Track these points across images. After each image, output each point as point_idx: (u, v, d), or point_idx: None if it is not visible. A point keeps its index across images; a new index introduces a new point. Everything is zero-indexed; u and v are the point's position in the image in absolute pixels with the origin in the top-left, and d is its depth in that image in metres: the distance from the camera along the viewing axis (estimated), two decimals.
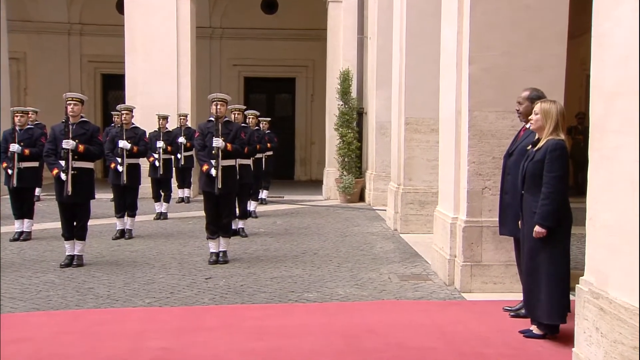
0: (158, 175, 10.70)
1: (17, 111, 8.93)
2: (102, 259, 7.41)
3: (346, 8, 14.05)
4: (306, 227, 9.98)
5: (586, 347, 3.33)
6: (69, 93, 7.22)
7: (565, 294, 4.37)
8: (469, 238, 5.82)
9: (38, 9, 18.28)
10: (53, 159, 6.96)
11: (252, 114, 10.78)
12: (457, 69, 5.94)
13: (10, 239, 8.50)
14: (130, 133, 9.02)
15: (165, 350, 4.31)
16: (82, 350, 4.32)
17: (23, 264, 7.11)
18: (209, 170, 7.01)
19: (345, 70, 13.46)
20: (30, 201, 8.83)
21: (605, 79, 3.20)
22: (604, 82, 3.22)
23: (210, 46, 19.01)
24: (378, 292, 5.92)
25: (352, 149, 13.37)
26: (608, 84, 3.17)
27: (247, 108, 10.60)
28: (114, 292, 5.91)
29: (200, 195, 7.86)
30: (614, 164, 3.11)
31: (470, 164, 5.79)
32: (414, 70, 8.82)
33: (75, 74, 18.76)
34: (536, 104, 4.54)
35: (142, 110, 11.82)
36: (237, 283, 6.25)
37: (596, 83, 3.29)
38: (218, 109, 7.08)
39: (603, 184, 3.22)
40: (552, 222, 4.31)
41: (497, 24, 5.67)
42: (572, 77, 6.09)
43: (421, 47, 8.64)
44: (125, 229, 8.83)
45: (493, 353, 4.27)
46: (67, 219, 7.02)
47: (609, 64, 3.15)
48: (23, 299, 5.64)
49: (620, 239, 3.01)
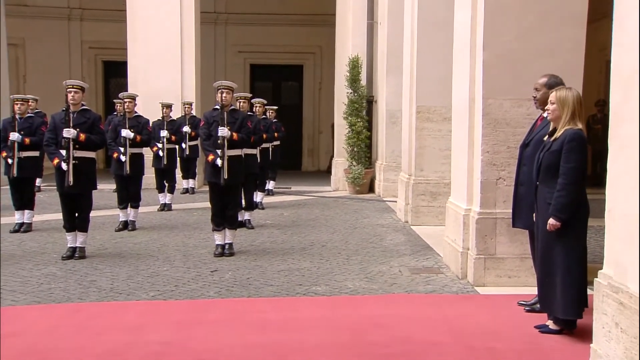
0: (162, 165, 10.72)
1: (17, 99, 8.97)
2: (104, 251, 7.46)
3: None
4: (314, 218, 10.00)
5: (605, 343, 3.32)
6: (70, 80, 7.24)
7: (582, 289, 4.35)
8: (483, 230, 5.80)
9: None
10: (53, 149, 6.98)
11: (259, 102, 10.79)
12: (471, 55, 5.91)
13: (11, 230, 8.56)
14: (133, 122, 9.05)
15: (164, 344, 4.33)
16: (78, 344, 4.35)
17: (24, 256, 7.16)
18: (214, 161, 7.02)
19: (355, 57, 13.39)
20: (30, 192, 8.88)
21: (625, 64, 3.17)
22: (623, 68, 3.19)
23: (215, 32, 19.00)
24: (388, 286, 5.92)
25: (362, 138, 13.34)
26: (627, 70, 3.14)
27: (253, 96, 10.59)
28: (117, 285, 5.94)
29: (206, 186, 7.89)
30: (632, 152, 3.08)
31: (484, 153, 5.76)
32: (425, 57, 8.77)
33: (76, 61, 18.81)
34: (551, 93, 4.49)
35: (145, 98, 11.84)
36: (243, 276, 6.27)
37: (616, 69, 3.27)
38: (224, 97, 7.08)
39: (621, 173, 3.20)
40: (567, 215, 4.29)
41: (509, 7, 5.62)
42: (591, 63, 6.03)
43: (433, 33, 8.58)
44: (128, 221, 8.86)
45: (505, 348, 4.27)
46: (69, 210, 7.06)
47: (629, 48, 3.12)
48: (24, 292, 5.69)
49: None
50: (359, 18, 13.71)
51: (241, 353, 4.19)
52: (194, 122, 11.79)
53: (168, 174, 10.88)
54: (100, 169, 14.24)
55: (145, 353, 4.20)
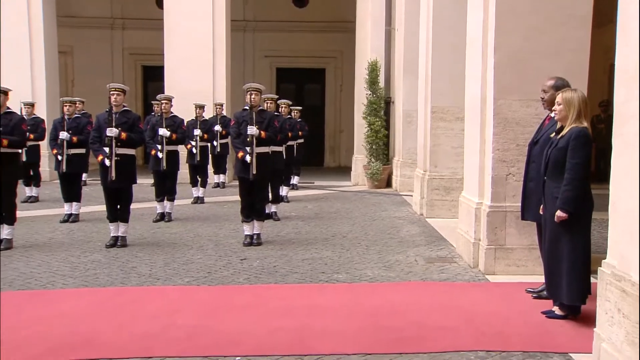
0: (195, 161, 10.79)
1: (66, 101, 9.11)
2: (143, 240, 7.53)
3: (374, 0, 13.89)
4: (335, 211, 10.00)
5: (608, 328, 3.29)
6: (112, 84, 7.31)
7: (586, 277, 4.31)
8: (493, 222, 5.76)
9: (82, 4, 18.53)
10: (98, 146, 7.07)
11: (285, 103, 10.80)
12: (482, 58, 5.85)
13: (60, 220, 8.70)
14: (169, 121, 9.13)
15: (197, 326, 4.36)
16: (120, 324, 4.41)
17: (72, 244, 7.27)
18: (244, 157, 7.04)
19: (373, 61, 13.35)
20: (78, 185, 9.01)
21: (628, 65, 3.12)
22: (627, 68, 3.14)
23: (244, 38, 19.05)
24: (405, 274, 5.91)
25: (380, 136, 13.29)
26: (630, 69, 3.10)
27: (279, 97, 10.61)
28: (155, 271, 6.00)
29: (235, 180, 7.93)
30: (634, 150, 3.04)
31: (495, 151, 5.72)
32: (439, 60, 8.72)
33: (118, 66, 19.01)
34: (558, 94, 4.45)
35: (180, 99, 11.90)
36: (270, 264, 6.30)
37: (620, 68, 3.22)
38: (252, 98, 7.10)
39: (624, 170, 3.16)
40: (573, 207, 4.25)
41: (518, 12, 5.55)
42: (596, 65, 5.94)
43: (447, 37, 8.52)
44: (165, 212, 8.94)
45: (513, 332, 4.24)
46: (111, 202, 7.15)
47: (633, 49, 3.07)
48: (73, 277, 5.78)
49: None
50: (377, 25, 13.68)
51: (267, 335, 4.21)
52: (224, 122, 11.85)
53: (201, 169, 10.94)
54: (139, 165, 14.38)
55: (179, 331, 4.24)
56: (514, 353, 3.86)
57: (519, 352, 3.87)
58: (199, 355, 3.82)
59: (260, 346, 3.98)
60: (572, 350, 3.89)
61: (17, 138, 6.89)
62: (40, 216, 9.23)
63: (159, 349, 3.92)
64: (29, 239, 7.51)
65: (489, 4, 5.73)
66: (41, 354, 3.86)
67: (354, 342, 4.05)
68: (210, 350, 3.91)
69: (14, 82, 10.69)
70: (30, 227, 8.24)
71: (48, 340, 4.08)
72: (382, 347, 3.96)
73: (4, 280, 5.62)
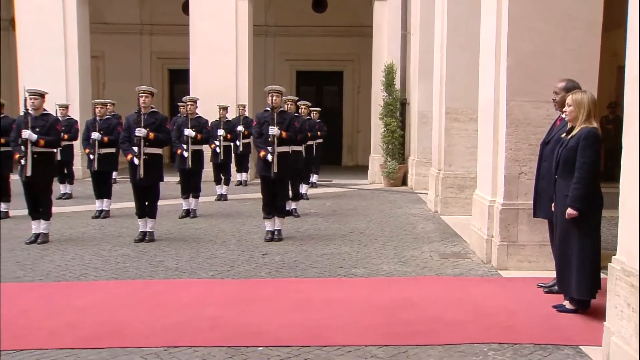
0: (219, 160, 10.85)
1: (98, 103, 9.24)
2: (170, 235, 7.60)
3: (390, 6, 13.87)
4: (353, 208, 10.00)
5: (617, 321, 3.26)
6: (141, 86, 7.40)
7: (595, 272, 4.28)
8: (506, 219, 5.73)
9: (113, 12, 18.75)
10: (127, 146, 7.15)
11: (304, 105, 10.82)
12: (495, 61, 5.82)
13: (92, 216, 8.82)
14: (194, 122, 9.20)
15: (221, 317, 4.41)
16: (148, 314, 4.48)
17: (103, 238, 7.37)
18: (265, 156, 7.07)
19: (390, 64, 13.32)
20: (108, 183, 9.14)
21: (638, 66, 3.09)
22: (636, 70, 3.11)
23: (265, 42, 19.10)
24: (420, 269, 5.90)
25: (396, 136, 13.26)
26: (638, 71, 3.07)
27: (299, 99, 10.64)
28: (181, 265, 6.06)
29: (257, 178, 7.96)
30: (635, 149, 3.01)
31: (508, 150, 5.69)
32: (453, 63, 8.68)
33: (146, 69, 19.19)
34: (568, 96, 4.42)
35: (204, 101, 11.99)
36: (290, 259, 6.32)
37: (630, 71, 3.19)
38: (274, 100, 7.12)
39: (633, 169, 3.13)
40: (583, 205, 4.22)
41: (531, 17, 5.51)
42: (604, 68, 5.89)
43: (461, 41, 8.48)
44: (190, 209, 9.00)
45: (525, 325, 4.22)
46: (140, 199, 7.23)
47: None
48: (104, 269, 5.87)
49: None
50: (394, 29, 13.66)
51: (288, 326, 4.24)
52: (247, 122, 11.90)
53: (224, 168, 11.00)
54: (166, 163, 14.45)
55: (204, 322, 4.29)
56: (526, 345, 3.84)
57: (530, 345, 3.85)
58: (223, 345, 3.86)
59: (281, 337, 4.01)
60: (583, 343, 3.87)
61: (53, 138, 7.01)
62: (74, 212, 9.37)
63: (185, 339, 3.97)
64: (64, 233, 7.64)
65: (502, 10, 5.70)
66: (74, 341, 3.93)
67: (371, 334, 4.07)
68: (233, 340, 3.95)
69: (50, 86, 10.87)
70: (64, 222, 8.37)
71: (81, 329, 4.16)
72: (397, 339, 3.97)
73: (41, 272, 5.74)
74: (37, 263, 6.08)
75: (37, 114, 6.99)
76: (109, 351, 3.78)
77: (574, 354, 3.73)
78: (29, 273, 5.71)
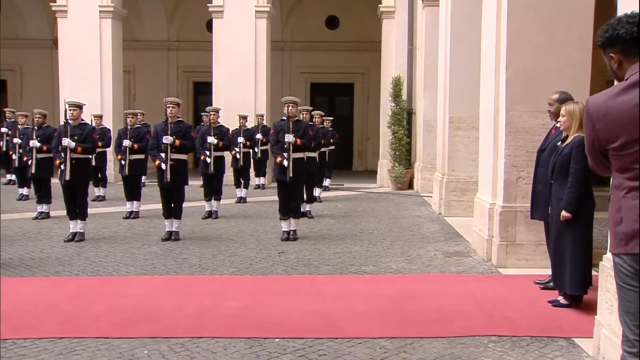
0: (239, 165, 10.92)
1: (128, 113, 9.35)
2: (194, 234, 7.65)
3: (398, 23, 13.93)
4: (363, 210, 10.00)
5: (607, 315, 3.26)
6: (168, 98, 7.49)
7: (587, 269, 4.29)
8: (505, 221, 5.73)
9: (144, 29, 18.98)
10: (155, 152, 7.22)
11: (318, 114, 10.85)
12: (495, 73, 5.83)
13: (123, 217, 8.91)
14: (216, 130, 9.28)
15: (240, 309, 4.46)
16: (174, 306, 4.54)
17: (133, 237, 7.44)
18: (281, 162, 7.09)
19: (397, 77, 13.34)
20: (138, 186, 9.22)
21: None
22: None
23: (282, 57, 19.19)
24: (425, 267, 5.91)
25: (403, 144, 13.26)
26: None
27: (313, 109, 10.68)
28: (204, 262, 6.10)
29: (274, 182, 8.00)
30: None
31: (507, 156, 5.69)
32: (457, 75, 8.69)
33: (173, 82, 19.36)
34: (562, 107, 4.44)
35: (225, 111, 12.11)
36: (305, 257, 6.35)
37: None
38: (290, 110, 7.16)
39: None
40: (576, 207, 4.23)
41: (527, 32, 5.53)
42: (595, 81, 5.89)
43: (463, 55, 8.50)
44: (212, 210, 9.04)
45: (520, 317, 4.23)
46: (166, 201, 7.29)
47: None
48: (134, 266, 5.94)
49: None
50: (401, 44, 13.73)
51: (302, 316, 4.28)
52: (264, 130, 11.94)
53: (244, 172, 11.06)
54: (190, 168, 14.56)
55: (225, 315, 4.34)
56: (523, 337, 3.85)
57: (528, 337, 3.86)
58: (243, 337, 3.89)
59: (296, 329, 4.04)
60: (575, 335, 3.87)
61: (90, 145, 7.12)
62: (107, 213, 9.47)
63: (208, 330, 4.02)
64: (98, 232, 7.74)
65: (501, 26, 5.71)
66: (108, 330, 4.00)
67: (380, 326, 4.09)
68: (252, 331, 3.99)
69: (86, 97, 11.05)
70: (98, 222, 8.48)
71: (114, 317, 4.23)
72: (404, 331, 3.98)
73: (78, 268, 5.83)
74: (74, 259, 6.17)
75: (75, 123, 7.11)
76: (139, 340, 3.83)
77: (567, 345, 3.73)
78: (66, 268, 5.80)
